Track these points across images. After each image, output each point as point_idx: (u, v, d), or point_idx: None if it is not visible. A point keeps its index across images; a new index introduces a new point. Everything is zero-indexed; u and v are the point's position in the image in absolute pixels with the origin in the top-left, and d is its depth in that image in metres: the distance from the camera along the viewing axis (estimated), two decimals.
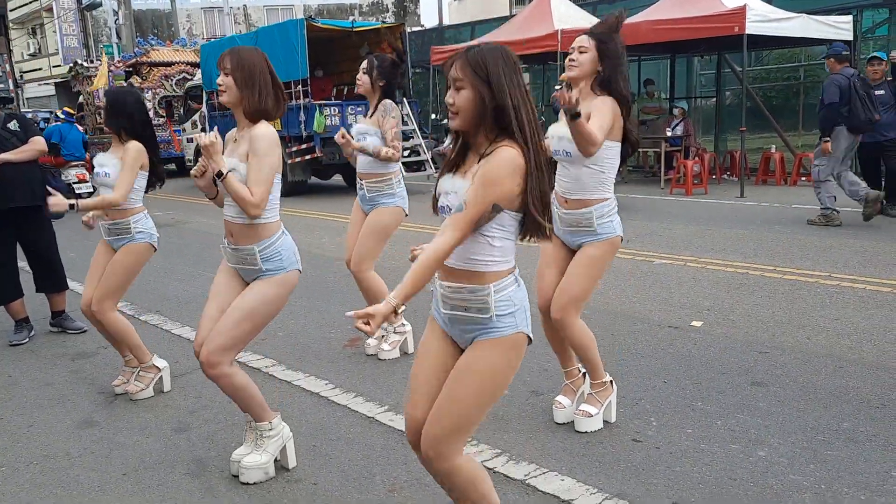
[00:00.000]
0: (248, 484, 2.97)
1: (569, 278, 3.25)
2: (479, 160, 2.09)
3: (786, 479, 2.87)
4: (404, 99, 12.85)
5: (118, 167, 3.87)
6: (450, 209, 2.10)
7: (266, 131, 2.91)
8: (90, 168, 10.00)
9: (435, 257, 2.06)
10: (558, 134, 3.22)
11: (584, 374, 3.50)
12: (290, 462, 3.11)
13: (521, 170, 2.05)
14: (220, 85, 2.89)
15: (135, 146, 3.89)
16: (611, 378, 3.42)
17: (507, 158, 2.03)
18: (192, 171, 3.06)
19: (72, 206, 3.71)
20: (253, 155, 2.87)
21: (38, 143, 4.99)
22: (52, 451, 3.38)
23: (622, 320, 4.96)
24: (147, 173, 4.00)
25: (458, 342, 2.25)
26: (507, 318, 2.14)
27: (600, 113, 3.11)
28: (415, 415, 2.25)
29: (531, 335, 2.20)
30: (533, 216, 2.08)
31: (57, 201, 3.68)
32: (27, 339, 5.10)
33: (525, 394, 3.79)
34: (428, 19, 38.78)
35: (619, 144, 3.21)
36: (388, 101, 4.30)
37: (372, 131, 4.29)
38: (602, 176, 3.20)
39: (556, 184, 3.29)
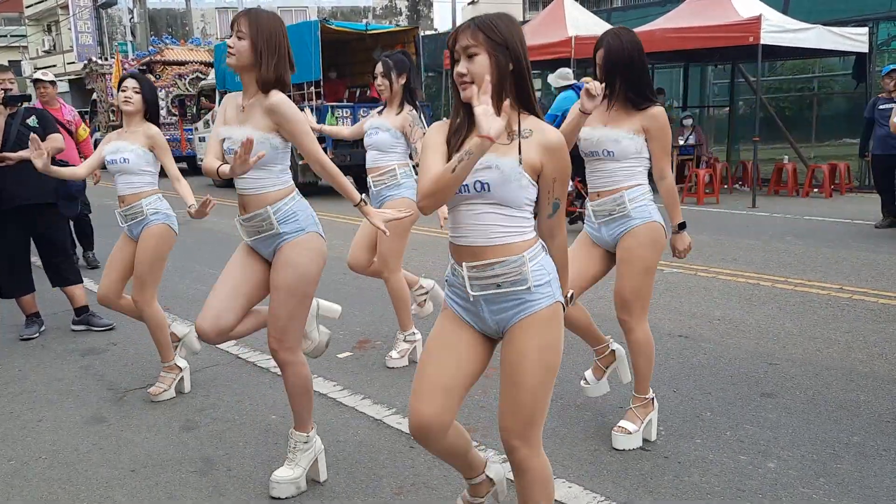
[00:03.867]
0: (278, 499, 2.85)
1: (618, 280, 3.24)
2: (514, 134, 2.00)
3: (795, 491, 2.85)
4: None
5: (139, 153, 3.86)
6: (488, 186, 1.99)
7: (285, 97, 2.79)
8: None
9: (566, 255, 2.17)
10: (596, 136, 3.15)
11: (613, 350, 3.48)
12: (322, 475, 3.00)
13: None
14: (230, 47, 2.74)
15: (156, 128, 3.93)
16: (653, 395, 3.36)
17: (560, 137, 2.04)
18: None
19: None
20: (293, 124, 2.76)
21: (56, 141, 4.95)
22: (61, 446, 3.40)
23: None
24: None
25: (484, 329, 2.13)
26: (543, 287, 2.04)
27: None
28: (420, 409, 2.09)
29: (564, 302, 2.13)
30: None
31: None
32: (38, 334, 5.13)
33: None
34: (441, 23, 38.88)
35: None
36: (415, 112, 4.24)
37: (385, 126, 4.22)
38: (637, 168, 3.17)
39: (589, 182, 3.27)
